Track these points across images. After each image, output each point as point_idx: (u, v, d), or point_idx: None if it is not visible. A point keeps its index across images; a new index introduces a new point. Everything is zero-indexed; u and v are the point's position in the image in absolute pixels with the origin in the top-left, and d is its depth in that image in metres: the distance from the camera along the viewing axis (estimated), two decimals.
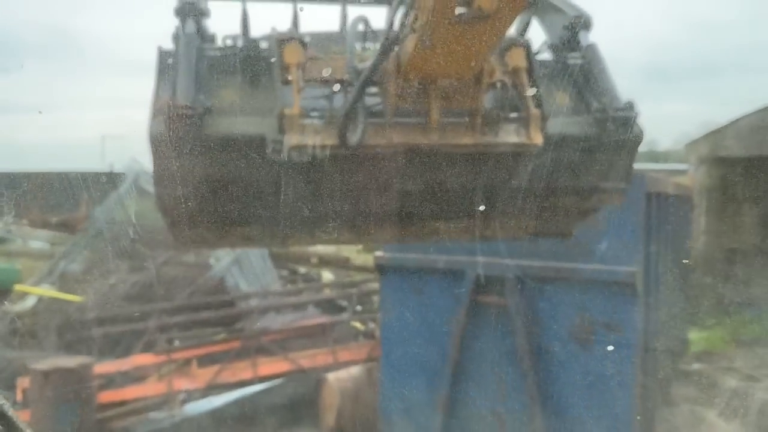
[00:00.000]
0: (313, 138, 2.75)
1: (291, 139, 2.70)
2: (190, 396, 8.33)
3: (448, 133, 2.81)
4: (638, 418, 6.07)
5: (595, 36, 3.31)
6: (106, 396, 8.13)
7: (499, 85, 2.86)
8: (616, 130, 3.05)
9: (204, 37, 2.97)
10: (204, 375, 8.62)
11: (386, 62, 2.60)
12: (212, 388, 8.46)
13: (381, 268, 7.42)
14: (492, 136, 2.85)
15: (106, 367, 8.55)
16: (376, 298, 10.84)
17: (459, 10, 2.13)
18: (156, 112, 2.71)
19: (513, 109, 2.88)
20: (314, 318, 10.04)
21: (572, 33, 3.37)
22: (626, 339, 5.99)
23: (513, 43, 2.92)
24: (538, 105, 2.88)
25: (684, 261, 9.84)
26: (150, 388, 8.38)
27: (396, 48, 2.55)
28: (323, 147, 2.74)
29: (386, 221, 3.14)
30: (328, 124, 2.73)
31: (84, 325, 9.60)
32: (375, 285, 9.95)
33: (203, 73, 2.85)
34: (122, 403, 8.17)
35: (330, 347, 9.16)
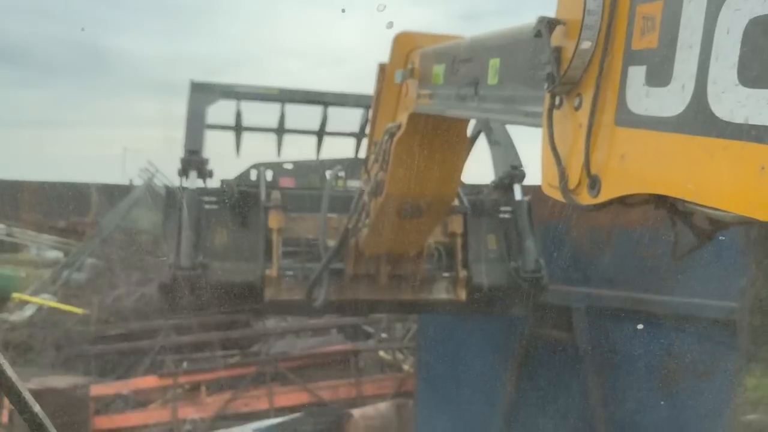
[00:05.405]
0: (286, 293, 3.98)
1: (268, 294, 3.96)
2: (197, 426, 7.68)
3: (393, 291, 3.99)
4: None
5: None
6: (102, 422, 7.53)
7: (436, 254, 4.11)
8: (525, 284, 4.38)
9: (204, 182, 4.24)
10: (213, 403, 7.97)
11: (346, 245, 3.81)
12: (222, 419, 7.80)
13: None
14: (427, 294, 4.10)
15: (104, 388, 7.95)
16: (400, 326, 10.13)
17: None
18: (167, 266, 3.93)
19: (446, 269, 4.18)
20: (337, 344, 9.18)
21: (509, 185, 4.58)
22: (719, 387, 5.05)
23: (454, 211, 4.09)
24: (465, 266, 4.21)
25: None
26: (152, 415, 7.77)
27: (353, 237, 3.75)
28: (294, 301, 3.99)
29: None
30: (300, 281, 3.97)
31: (83, 340, 8.99)
32: None
33: (203, 224, 4.05)
34: (120, 430, 7.55)
35: (354, 378, 8.50)
